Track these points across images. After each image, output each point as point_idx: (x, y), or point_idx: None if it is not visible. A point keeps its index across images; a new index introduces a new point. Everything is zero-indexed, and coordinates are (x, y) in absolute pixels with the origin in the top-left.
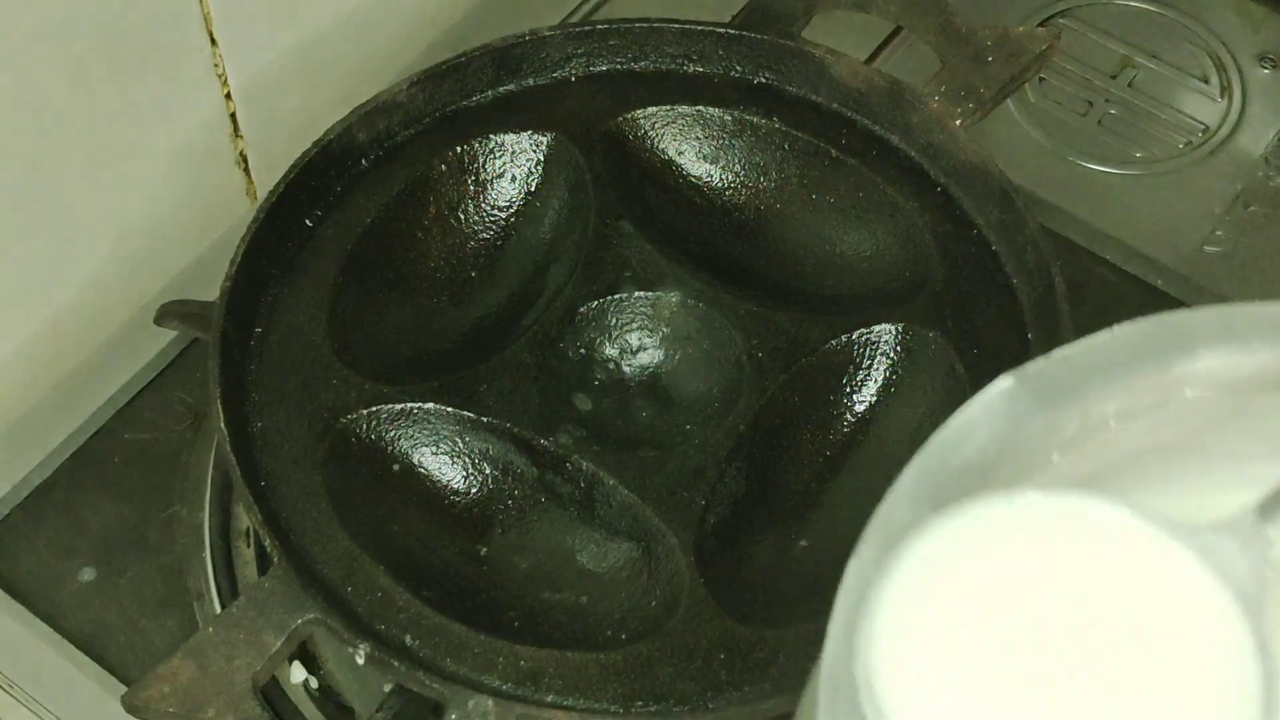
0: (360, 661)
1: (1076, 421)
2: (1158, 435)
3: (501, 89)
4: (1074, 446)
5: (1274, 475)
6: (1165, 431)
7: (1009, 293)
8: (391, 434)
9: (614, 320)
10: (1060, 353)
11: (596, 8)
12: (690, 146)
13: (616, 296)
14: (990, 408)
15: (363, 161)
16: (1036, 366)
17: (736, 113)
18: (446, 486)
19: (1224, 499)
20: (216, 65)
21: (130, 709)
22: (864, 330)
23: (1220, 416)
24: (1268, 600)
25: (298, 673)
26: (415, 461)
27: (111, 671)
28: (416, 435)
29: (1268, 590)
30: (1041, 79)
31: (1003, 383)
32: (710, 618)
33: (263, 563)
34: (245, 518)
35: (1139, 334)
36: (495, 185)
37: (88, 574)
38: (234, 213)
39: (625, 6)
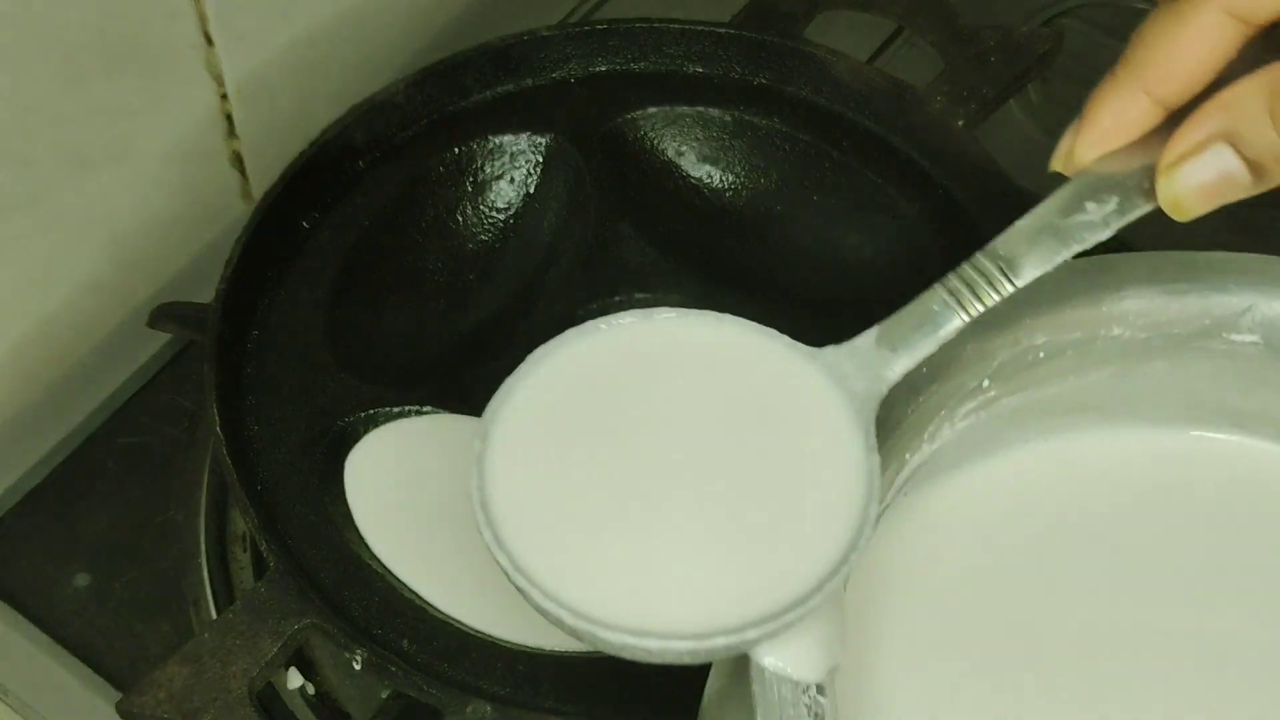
0: (357, 667)
1: (1007, 350)
2: (1085, 375)
3: (500, 89)
4: (1004, 376)
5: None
6: (1091, 372)
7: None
8: None
9: None
10: None
11: (596, 7)
12: (690, 147)
13: (616, 299)
14: None
15: (360, 162)
16: None
17: (737, 113)
18: None
19: (1145, 441)
20: (212, 65)
21: (125, 715)
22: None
23: (1143, 357)
24: (874, 405)
25: (294, 679)
26: None
27: (106, 678)
28: None
29: (876, 398)
30: (1045, 79)
31: None
32: None
33: (259, 567)
34: (241, 522)
35: (1070, 272)
36: (494, 187)
37: (82, 579)
38: (229, 214)
39: (625, 6)
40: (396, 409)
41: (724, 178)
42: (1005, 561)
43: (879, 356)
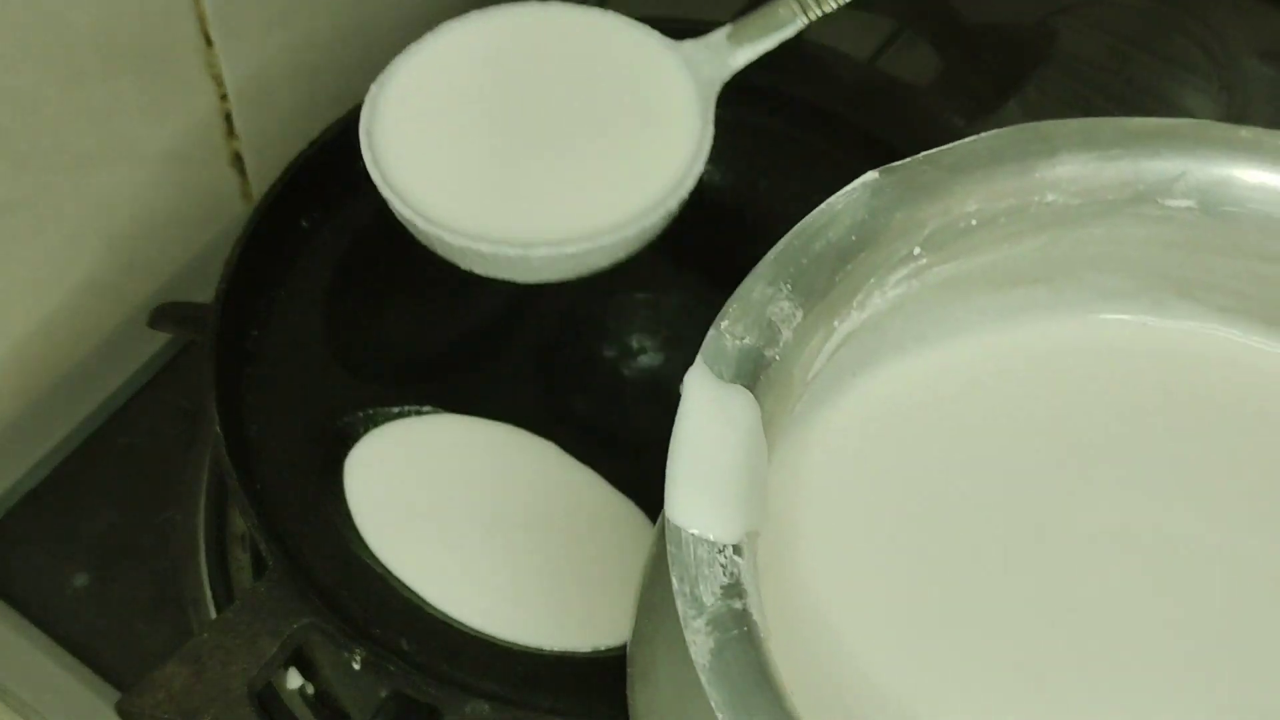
0: (356, 667)
1: (938, 218)
2: (1018, 243)
3: None
4: (936, 244)
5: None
6: (1025, 240)
7: None
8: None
9: (613, 322)
10: (926, 153)
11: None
12: None
13: (615, 299)
14: (853, 197)
15: (360, 163)
16: (901, 163)
17: (736, 113)
18: None
19: (1092, 325)
20: (212, 65)
21: (124, 715)
22: None
23: (1078, 224)
24: (716, 89)
25: (293, 679)
26: None
27: (105, 677)
28: None
29: (719, 82)
30: (1043, 78)
31: (868, 176)
32: None
33: (258, 567)
34: (240, 522)
35: (1003, 138)
36: None
37: (81, 579)
38: (229, 214)
39: (625, 6)
40: (396, 409)
41: (723, 177)
42: (944, 450)
43: (727, 49)
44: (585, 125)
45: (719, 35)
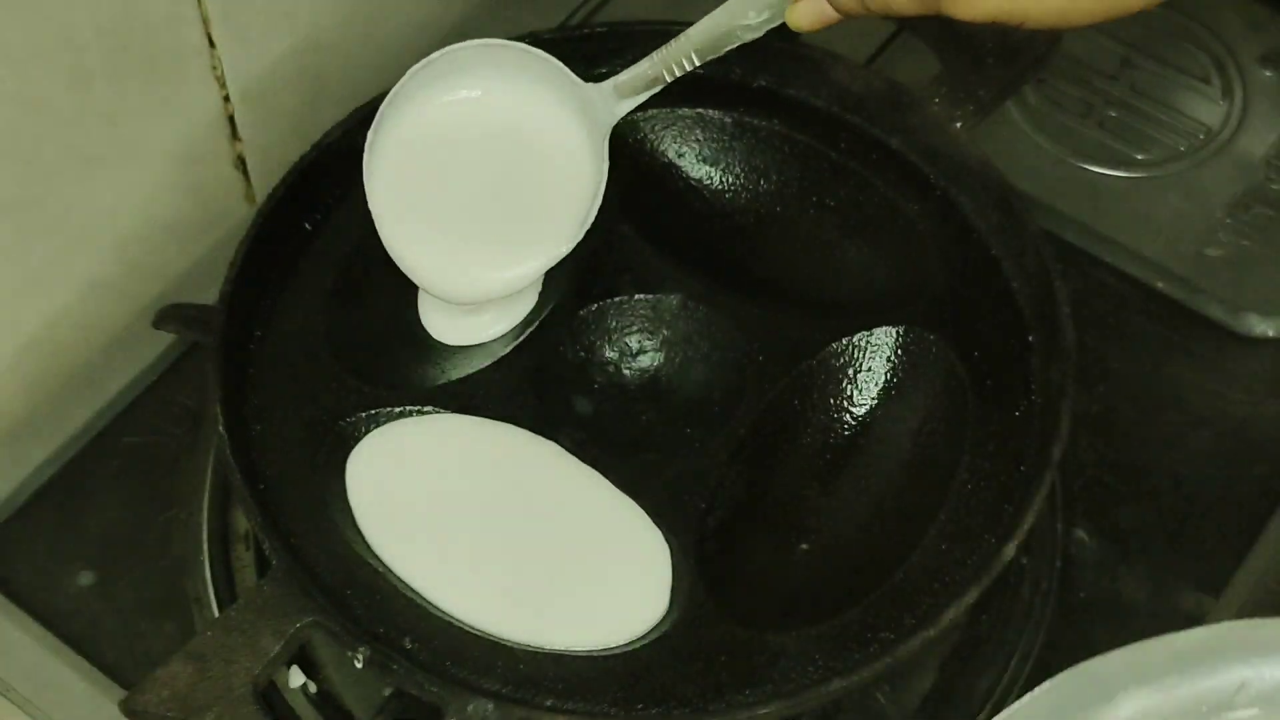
0: (359, 665)
1: None
2: None
3: None
4: None
5: None
6: None
7: (1009, 296)
8: None
9: (614, 323)
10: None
11: (597, 9)
12: (690, 149)
13: (616, 299)
14: None
15: (360, 165)
16: None
17: (736, 115)
18: None
19: None
20: (215, 68)
21: (128, 713)
22: (864, 333)
23: None
24: (607, 130)
25: (296, 677)
26: None
27: (110, 675)
28: None
29: (610, 125)
30: (1041, 81)
31: None
32: (711, 621)
33: (261, 566)
34: (244, 521)
35: (1060, 691)
36: None
37: (86, 578)
38: (233, 216)
39: (625, 7)
40: (397, 409)
41: (724, 179)
42: None
43: (615, 99)
44: (510, 181)
45: (608, 85)
